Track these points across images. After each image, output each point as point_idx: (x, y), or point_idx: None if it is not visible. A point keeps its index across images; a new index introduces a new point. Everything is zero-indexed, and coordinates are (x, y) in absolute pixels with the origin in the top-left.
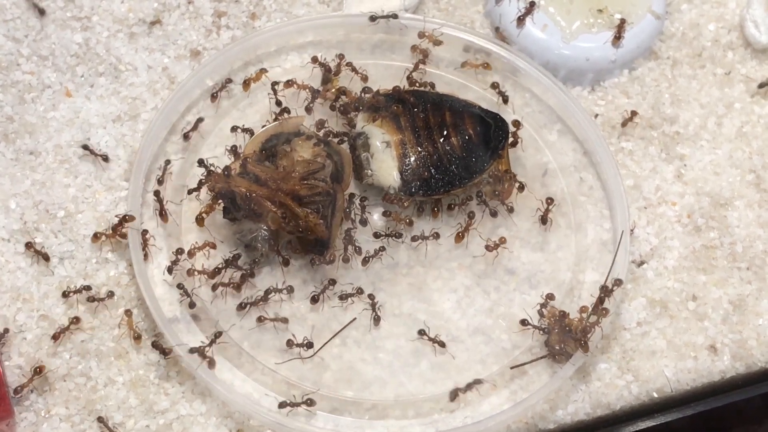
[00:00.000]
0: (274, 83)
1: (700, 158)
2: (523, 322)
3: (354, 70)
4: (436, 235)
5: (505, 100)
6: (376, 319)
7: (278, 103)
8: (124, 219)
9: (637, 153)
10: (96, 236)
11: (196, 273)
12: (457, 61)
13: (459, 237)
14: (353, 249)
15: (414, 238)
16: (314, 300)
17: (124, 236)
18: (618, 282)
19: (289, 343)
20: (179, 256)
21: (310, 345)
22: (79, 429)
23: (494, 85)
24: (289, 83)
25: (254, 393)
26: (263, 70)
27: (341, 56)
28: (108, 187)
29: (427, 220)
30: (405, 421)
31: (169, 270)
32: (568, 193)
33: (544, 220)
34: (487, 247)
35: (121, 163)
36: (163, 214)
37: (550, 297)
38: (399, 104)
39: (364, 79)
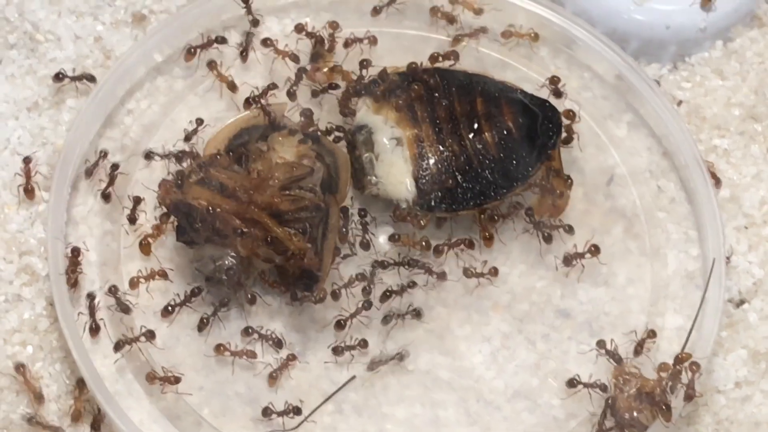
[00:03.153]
0: (248, 36)
1: None
2: (572, 383)
3: (357, 40)
4: (442, 276)
5: (558, 95)
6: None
7: (243, 53)
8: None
9: (735, 153)
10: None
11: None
12: (492, 29)
13: (488, 240)
14: (366, 286)
15: (428, 267)
16: (337, 352)
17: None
18: (694, 367)
19: (267, 412)
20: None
21: (296, 412)
22: None
23: (554, 80)
24: (267, 42)
25: None
26: (211, 40)
27: (334, 25)
28: (21, 200)
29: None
30: None
31: (118, 347)
32: (641, 207)
33: (567, 261)
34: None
35: (39, 166)
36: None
37: (652, 335)
38: (415, 87)
39: (373, 41)
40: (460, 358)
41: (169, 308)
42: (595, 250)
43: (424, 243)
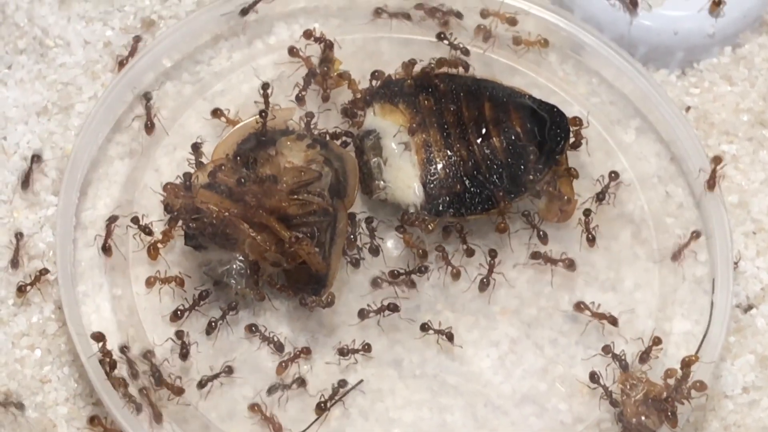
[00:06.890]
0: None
1: None
2: (593, 378)
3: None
4: (411, 283)
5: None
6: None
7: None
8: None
9: (743, 159)
10: (20, 290)
11: None
12: (502, 36)
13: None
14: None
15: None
16: (342, 353)
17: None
18: (700, 385)
19: (272, 389)
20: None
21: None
22: None
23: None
24: (293, 51)
25: None
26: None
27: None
28: (30, 204)
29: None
30: None
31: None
32: (649, 212)
33: (535, 256)
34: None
35: (48, 170)
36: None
37: (657, 342)
38: (423, 93)
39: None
40: (467, 362)
41: (178, 313)
42: (569, 264)
43: (421, 251)
